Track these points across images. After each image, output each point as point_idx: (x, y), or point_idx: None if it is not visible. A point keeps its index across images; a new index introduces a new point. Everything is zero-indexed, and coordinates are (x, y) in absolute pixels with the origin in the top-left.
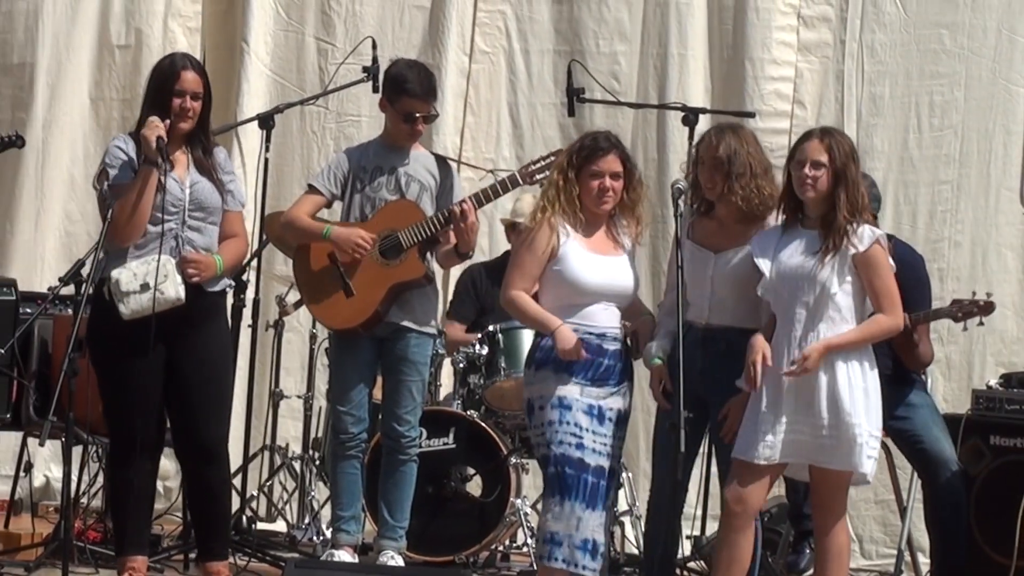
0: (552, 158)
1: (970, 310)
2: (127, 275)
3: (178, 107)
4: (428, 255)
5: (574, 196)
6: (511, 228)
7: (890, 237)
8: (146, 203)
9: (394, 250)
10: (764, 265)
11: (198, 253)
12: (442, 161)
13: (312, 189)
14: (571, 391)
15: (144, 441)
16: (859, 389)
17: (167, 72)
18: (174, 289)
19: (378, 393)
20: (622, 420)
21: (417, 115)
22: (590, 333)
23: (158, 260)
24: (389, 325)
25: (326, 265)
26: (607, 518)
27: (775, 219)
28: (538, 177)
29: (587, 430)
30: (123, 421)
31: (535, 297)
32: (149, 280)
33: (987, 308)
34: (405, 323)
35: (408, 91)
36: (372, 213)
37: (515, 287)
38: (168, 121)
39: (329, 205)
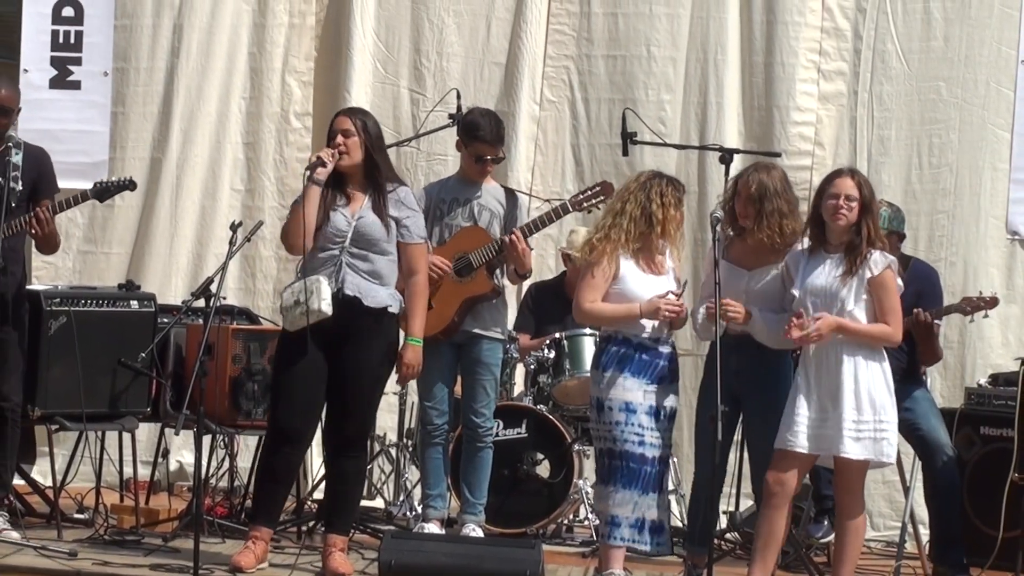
0: (597, 188)
1: (978, 305)
2: (287, 295)
3: (333, 146)
4: (498, 272)
5: (653, 234)
6: (567, 258)
7: (910, 258)
8: (306, 213)
9: (467, 269)
10: (795, 287)
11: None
12: (510, 193)
13: None
14: (635, 396)
15: (290, 434)
16: (879, 387)
17: (332, 119)
18: (318, 304)
19: (458, 390)
20: (672, 415)
21: (487, 157)
22: (646, 337)
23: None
24: (464, 333)
25: None
26: (666, 498)
27: (801, 244)
28: (585, 205)
29: (648, 428)
30: (276, 415)
31: None
32: (301, 298)
33: (993, 302)
34: (476, 330)
35: (480, 137)
36: (449, 237)
37: (588, 300)
38: (334, 154)
39: None
